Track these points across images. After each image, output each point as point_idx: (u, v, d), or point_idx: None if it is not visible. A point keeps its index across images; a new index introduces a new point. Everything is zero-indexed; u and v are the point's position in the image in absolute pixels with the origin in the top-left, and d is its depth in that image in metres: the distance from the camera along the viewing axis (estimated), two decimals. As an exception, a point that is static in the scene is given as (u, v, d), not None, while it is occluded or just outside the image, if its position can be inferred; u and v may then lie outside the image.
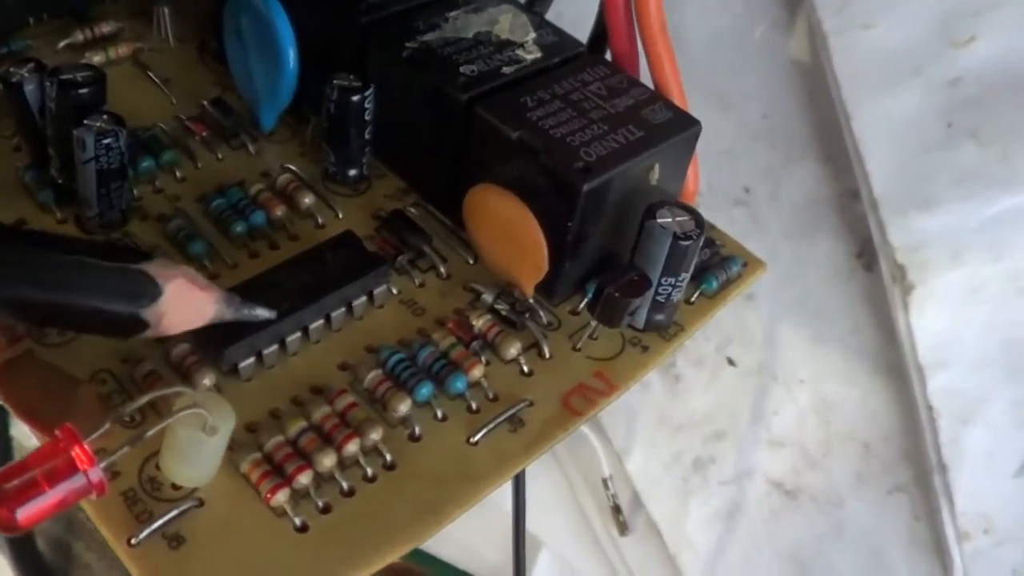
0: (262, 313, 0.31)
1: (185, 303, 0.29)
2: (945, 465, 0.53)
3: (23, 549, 0.73)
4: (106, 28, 0.42)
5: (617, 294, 0.32)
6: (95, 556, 0.74)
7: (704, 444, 0.60)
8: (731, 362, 0.59)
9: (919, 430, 0.54)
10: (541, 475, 0.63)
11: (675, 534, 0.62)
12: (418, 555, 0.30)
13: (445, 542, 0.47)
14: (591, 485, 0.65)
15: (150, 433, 0.27)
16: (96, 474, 0.26)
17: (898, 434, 0.56)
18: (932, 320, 0.51)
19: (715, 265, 0.38)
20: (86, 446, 0.26)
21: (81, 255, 0.29)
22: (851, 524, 0.59)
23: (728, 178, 0.56)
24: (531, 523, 0.50)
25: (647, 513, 0.62)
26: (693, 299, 0.37)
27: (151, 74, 0.41)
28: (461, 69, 0.35)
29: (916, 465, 0.56)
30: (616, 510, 0.64)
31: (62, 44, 0.41)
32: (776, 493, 0.60)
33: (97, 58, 0.41)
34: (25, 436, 0.71)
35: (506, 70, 0.36)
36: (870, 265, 0.54)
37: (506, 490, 0.32)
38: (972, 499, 0.53)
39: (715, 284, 0.37)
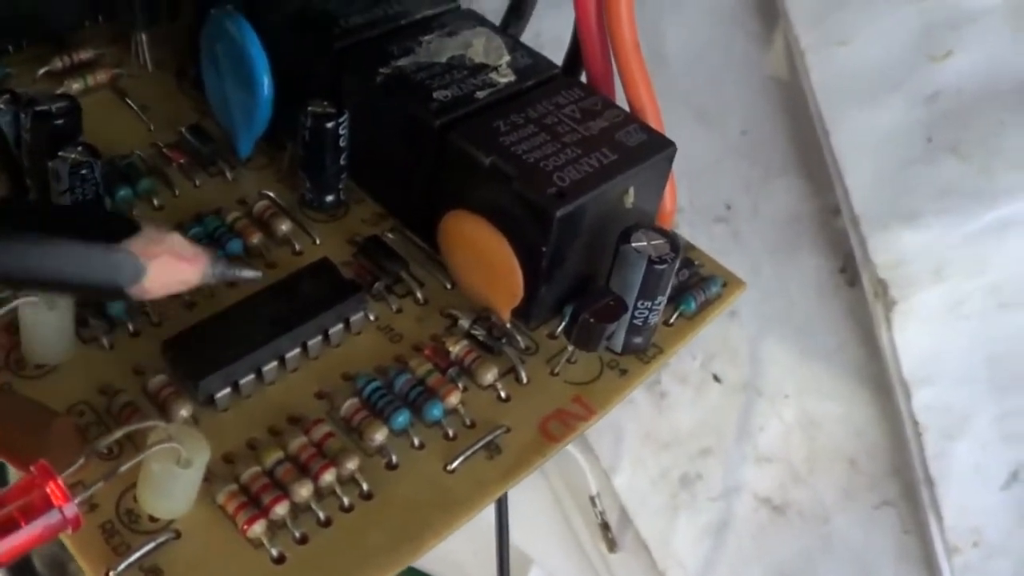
0: (248, 274, 0.31)
1: (169, 276, 0.30)
2: (932, 479, 0.53)
3: (19, 567, 0.73)
4: (84, 55, 0.42)
5: (592, 319, 0.32)
6: None
7: (691, 460, 0.60)
8: (716, 378, 0.59)
9: (905, 445, 0.54)
10: (529, 492, 0.63)
11: (663, 550, 0.62)
12: (405, 571, 0.30)
13: (431, 559, 0.47)
14: (579, 502, 0.65)
15: (124, 468, 0.27)
16: (71, 510, 0.26)
17: (884, 449, 0.56)
18: (915, 335, 0.51)
19: (694, 286, 0.38)
20: (60, 482, 0.26)
21: (63, 234, 0.29)
22: (839, 539, 0.58)
23: (709, 195, 0.56)
24: (520, 540, 0.50)
25: (635, 530, 0.62)
26: (672, 320, 0.37)
27: (129, 101, 0.41)
28: (434, 95, 0.35)
29: (903, 479, 0.56)
30: (604, 527, 0.64)
31: (41, 71, 0.41)
32: (764, 509, 0.60)
33: (76, 85, 0.41)
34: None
35: (480, 94, 0.36)
36: (853, 280, 0.54)
37: (478, 515, 0.32)
38: (960, 513, 0.53)
39: (694, 305, 0.37)
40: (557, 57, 0.39)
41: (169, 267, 0.29)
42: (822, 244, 0.55)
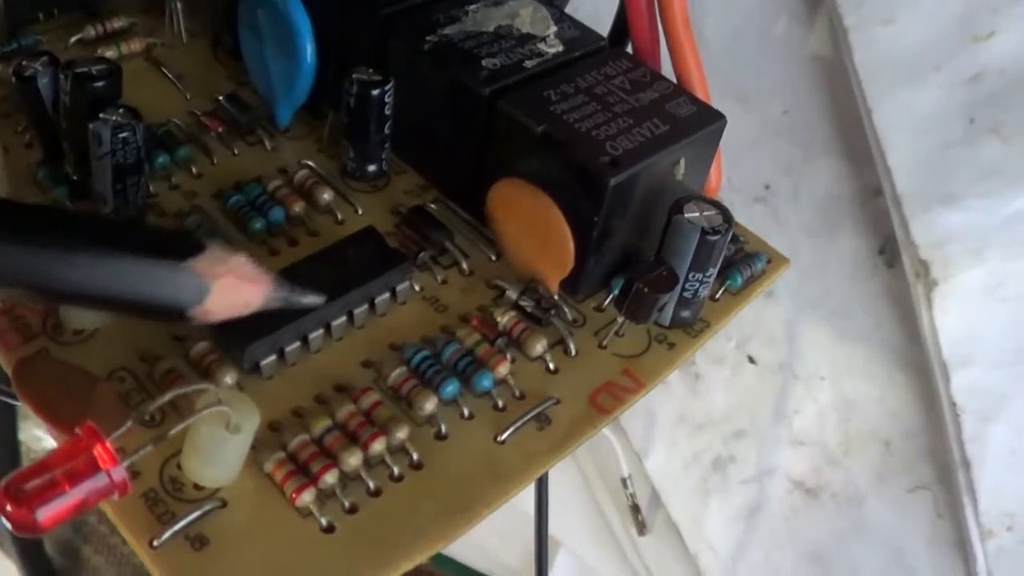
0: (312, 300, 0.30)
1: (232, 298, 0.29)
2: (968, 462, 0.52)
3: (31, 552, 0.72)
4: (117, 23, 0.42)
5: (647, 289, 0.32)
6: (103, 559, 0.74)
7: (724, 443, 0.60)
8: (752, 360, 0.58)
9: (941, 427, 0.53)
10: (559, 474, 0.63)
11: (695, 534, 0.61)
12: (434, 556, 0.30)
13: (460, 543, 0.47)
14: (610, 485, 0.65)
15: (173, 431, 0.26)
16: (119, 473, 0.25)
17: (919, 432, 0.56)
18: (955, 317, 0.51)
19: (739, 261, 0.37)
20: (108, 444, 0.25)
21: (130, 251, 0.28)
22: (873, 522, 0.58)
23: (748, 174, 0.55)
24: (550, 523, 0.49)
25: (666, 512, 0.62)
26: (718, 296, 0.37)
27: (164, 70, 0.41)
28: (483, 63, 0.35)
29: (938, 463, 0.56)
30: (635, 509, 0.63)
31: (73, 39, 0.41)
32: (797, 492, 0.59)
33: (109, 53, 0.41)
34: (34, 440, 0.71)
35: (528, 64, 0.35)
36: (892, 262, 0.54)
37: (523, 490, 0.31)
38: (995, 496, 0.53)
39: (740, 280, 0.37)
40: (598, 30, 0.38)
41: (233, 289, 0.28)
42: (861, 225, 0.54)
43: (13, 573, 0.73)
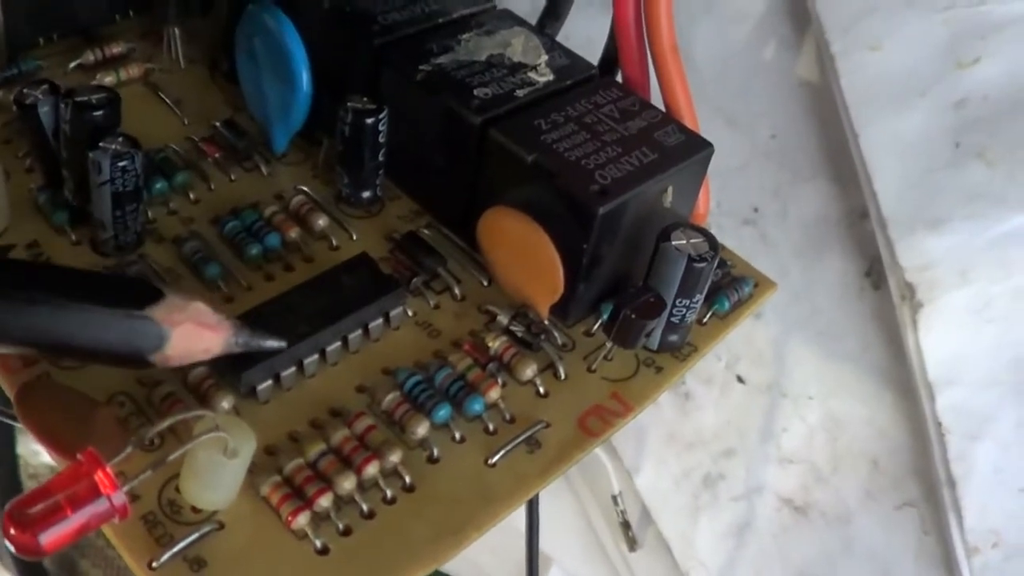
0: (272, 344, 0.31)
1: (191, 344, 0.29)
2: (954, 480, 0.53)
3: (29, 565, 0.72)
4: (116, 49, 0.42)
5: (634, 316, 0.32)
6: (101, 572, 0.74)
7: (714, 461, 0.60)
8: (740, 380, 0.59)
9: (927, 446, 0.54)
10: (551, 492, 0.63)
11: (685, 550, 0.62)
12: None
13: (453, 559, 0.47)
14: (601, 502, 0.65)
15: (172, 457, 0.27)
16: (119, 498, 0.26)
17: (906, 450, 0.56)
18: (941, 338, 0.51)
19: (726, 286, 0.38)
20: (109, 470, 0.26)
21: (85, 300, 0.28)
22: (860, 540, 0.59)
23: (737, 197, 0.56)
24: (541, 540, 0.50)
25: (657, 529, 0.62)
26: (705, 320, 0.37)
27: (162, 95, 0.42)
28: (475, 92, 0.35)
29: (924, 481, 0.56)
30: (626, 526, 0.64)
31: (73, 65, 0.42)
32: (786, 509, 0.60)
33: (108, 79, 0.41)
34: (31, 454, 0.71)
35: (519, 93, 0.36)
36: (878, 283, 0.55)
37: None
38: (981, 514, 0.53)
39: (727, 305, 0.37)
40: (587, 58, 0.39)
41: (192, 335, 0.29)
42: (848, 247, 0.55)
43: (11, 587, 0.73)
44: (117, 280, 0.33)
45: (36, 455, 0.71)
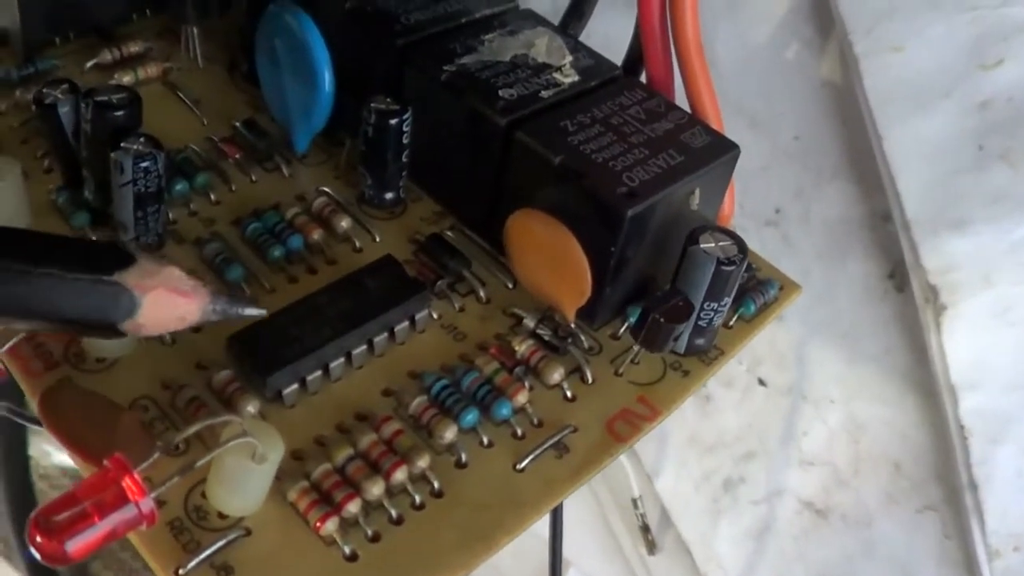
0: (252, 311, 0.30)
1: (166, 311, 0.28)
2: (976, 484, 0.52)
3: (40, 567, 0.72)
4: (134, 48, 0.42)
5: (663, 319, 0.32)
6: (112, 575, 0.74)
7: (735, 464, 0.60)
8: (762, 382, 0.59)
9: (949, 449, 0.54)
10: (570, 495, 0.63)
11: (705, 553, 0.61)
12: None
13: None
14: (620, 504, 0.65)
15: (201, 462, 0.27)
16: (147, 504, 0.26)
17: (928, 453, 0.56)
18: (963, 341, 0.51)
19: (752, 289, 0.38)
20: (136, 476, 0.26)
21: (50, 265, 0.27)
22: (881, 543, 0.58)
23: (759, 199, 0.56)
24: (559, 543, 0.50)
25: (676, 532, 0.62)
26: (731, 323, 0.37)
27: (181, 95, 0.41)
28: (500, 92, 0.35)
29: (946, 484, 0.56)
30: (645, 529, 0.63)
31: (90, 64, 0.41)
32: (806, 512, 0.59)
33: (126, 78, 0.41)
34: (43, 455, 0.71)
35: (544, 94, 0.36)
36: (901, 286, 0.54)
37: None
38: (1002, 518, 0.53)
39: (753, 308, 0.37)
40: (607, 58, 0.39)
41: (165, 302, 0.28)
42: (871, 250, 0.55)
43: (22, 588, 0.73)
44: (85, 245, 0.32)
45: (47, 456, 0.71)
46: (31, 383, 0.31)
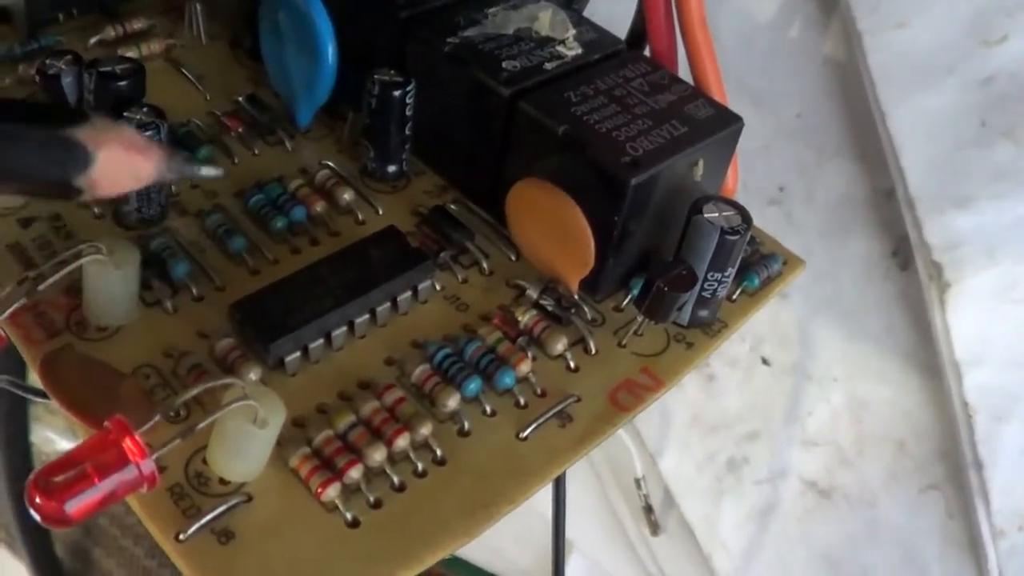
0: (208, 171, 0.30)
1: (121, 167, 0.28)
2: (980, 462, 0.52)
3: (41, 554, 0.72)
4: (137, 25, 0.42)
5: (667, 288, 0.32)
6: (114, 562, 0.73)
7: (738, 444, 0.60)
8: (765, 362, 0.59)
9: (954, 428, 0.54)
10: (573, 475, 0.63)
11: (708, 534, 0.61)
12: (445, 558, 0.30)
13: (470, 544, 0.47)
14: (623, 486, 0.65)
15: (201, 426, 0.27)
16: (148, 466, 0.26)
17: (932, 432, 0.56)
18: (967, 318, 0.51)
19: (756, 263, 0.38)
20: (137, 437, 0.26)
21: (3, 122, 0.27)
22: (885, 523, 0.58)
23: (762, 177, 0.56)
24: (562, 524, 0.50)
25: (679, 513, 0.62)
26: (735, 297, 0.37)
27: (184, 71, 0.41)
28: (503, 64, 0.35)
29: (950, 463, 0.56)
30: (648, 510, 0.63)
31: (93, 40, 0.41)
32: (810, 492, 0.59)
33: (130, 54, 0.41)
34: (44, 441, 0.71)
35: (548, 66, 0.36)
36: (905, 264, 0.54)
37: (541, 489, 0.31)
38: (1007, 496, 0.53)
39: (756, 282, 0.37)
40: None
41: (120, 158, 0.27)
42: (874, 227, 0.55)
43: (23, 574, 0.72)
44: (36, 105, 0.32)
45: (49, 443, 0.71)
46: (32, 350, 0.31)
